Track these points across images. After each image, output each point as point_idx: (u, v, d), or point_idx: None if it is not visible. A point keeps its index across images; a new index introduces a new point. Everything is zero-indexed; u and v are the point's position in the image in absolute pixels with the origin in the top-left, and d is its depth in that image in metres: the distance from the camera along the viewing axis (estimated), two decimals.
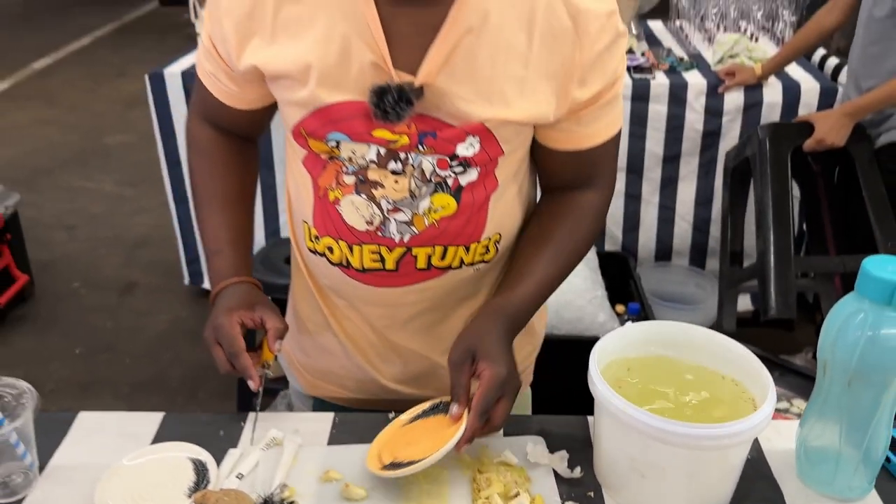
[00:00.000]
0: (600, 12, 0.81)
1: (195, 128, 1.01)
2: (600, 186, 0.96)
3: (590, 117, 0.88)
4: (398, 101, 0.79)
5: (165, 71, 2.44)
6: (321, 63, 0.81)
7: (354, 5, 0.80)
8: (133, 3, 7.70)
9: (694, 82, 2.30)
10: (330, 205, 0.91)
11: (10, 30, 6.88)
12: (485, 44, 0.80)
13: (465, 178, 0.88)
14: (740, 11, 2.68)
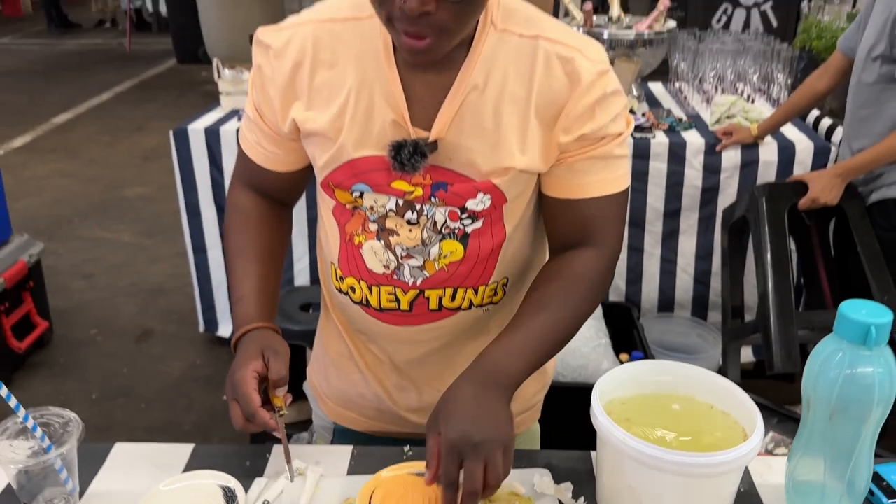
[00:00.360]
0: (592, 70, 0.89)
1: (236, 193, 1.09)
2: (598, 246, 0.98)
3: (580, 167, 0.94)
4: (413, 155, 0.88)
5: (189, 127, 2.56)
6: (349, 122, 0.91)
7: (378, 70, 0.90)
8: (152, 62, 7.96)
9: (692, 141, 2.40)
10: (354, 248, 1.00)
11: (34, 86, 7.11)
12: (489, 100, 0.90)
13: (472, 226, 0.96)
14: (737, 74, 2.80)
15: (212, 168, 2.58)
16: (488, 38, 0.89)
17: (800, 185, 2.11)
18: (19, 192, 4.36)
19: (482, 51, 0.88)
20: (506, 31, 0.89)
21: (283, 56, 0.93)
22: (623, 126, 0.94)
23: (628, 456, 0.84)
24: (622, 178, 0.97)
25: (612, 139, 0.93)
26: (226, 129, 2.54)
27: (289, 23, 0.95)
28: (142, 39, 8.94)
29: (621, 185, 0.97)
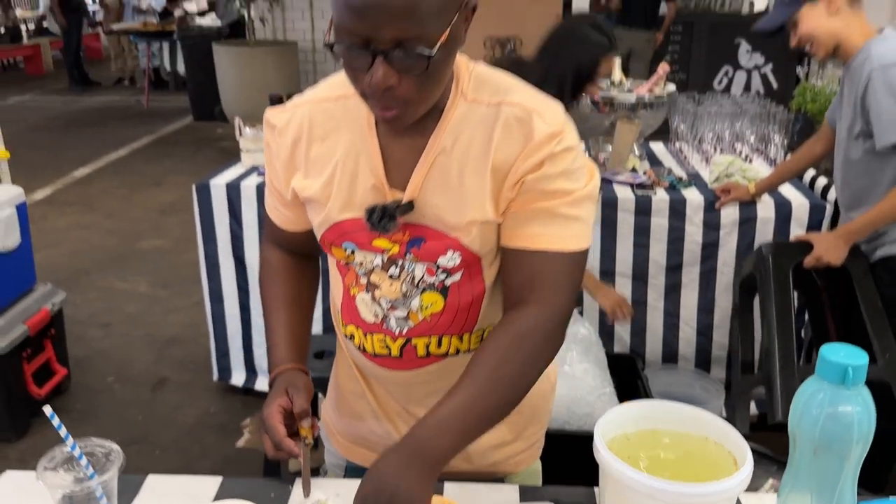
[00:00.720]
0: (545, 131, 0.96)
1: (266, 250, 1.23)
2: (541, 304, 0.99)
3: (526, 217, 0.98)
4: (382, 217, 0.98)
5: (211, 182, 2.68)
6: (336, 188, 1.03)
7: (363, 140, 1.02)
8: (169, 119, 8.19)
9: (692, 198, 2.51)
10: (351, 299, 1.12)
11: (54, 141, 7.32)
12: (454, 161, 0.99)
13: (450, 280, 1.05)
14: (735, 135, 2.92)
15: (231, 221, 2.69)
16: (458, 107, 0.99)
17: (806, 245, 2.17)
18: (39, 244, 4.43)
19: (451, 119, 0.99)
20: (475, 101, 0.99)
21: (284, 134, 1.06)
22: (577, 185, 0.98)
23: (629, 487, 0.90)
24: (573, 238, 0.99)
25: (561, 196, 0.97)
26: (246, 185, 2.66)
27: (290, 104, 1.08)
28: (159, 97, 9.20)
29: (570, 245, 0.98)
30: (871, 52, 1.95)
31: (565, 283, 1.00)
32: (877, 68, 1.91)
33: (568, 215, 0.98)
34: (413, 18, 0.82)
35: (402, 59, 0.85)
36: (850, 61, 2.03)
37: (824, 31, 2.02)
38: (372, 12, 0.81)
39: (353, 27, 0.84)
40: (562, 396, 2.08)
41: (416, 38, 0.84)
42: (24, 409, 2.74)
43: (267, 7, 7.25)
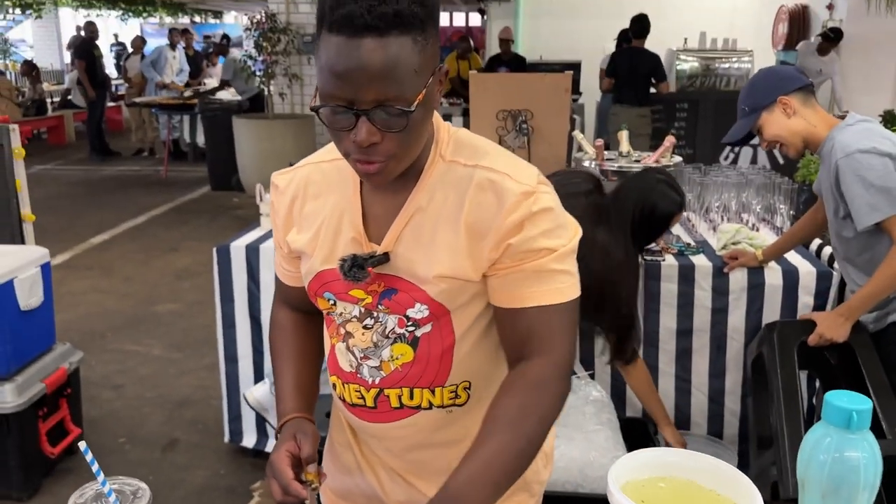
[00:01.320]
0: (518, 191, 1.02)
1: (276, 310, 1.30)
2: (542, 354, 1.03)
3: (515, 279, 1.03)
4: (352, 266, 1.05)
5: (231, 244, 2.76)
6: (321, 241, 1.11)
7: (348, 198, 1.10)
8: (187, 188, 8.38)
9: (700, 265, 2.56)
10: (332, 348, 1.18)
11: (74, 208, 7.49)
12: (428, 218, 1.06)
13: (420, 331, 1.10)
14: (741, 205, 2.99)
15: (249, 282, 2.76)
16: (436, 168, 1.06)
17: (810, 323, 2.20)
18: (56, 306, 4.49)
19: (429, 179, 1.06)
20: (453, 161, 1.06)
21: (285, 192, 1.15)
22: (559, 242, 1.03)
23: None
24: (562, 290, 1.04)
25: (546, 254, 1.02)
26: (265, 247, 2.73)
27: (294, 167, 1.17)
28: (178, 168, 9.44)
29: (561, 296, 1.04)
30: (835, 142, 2.04)
31: (564, 333, 1.06)
32: (841, 158, 2.00)
33: (556, 269, 1.04)
34: (391, 80, 0.90)
35: (383, 117, 0.92)
36: (820, 150, 2.14)
37: (788, 133, 2.12)
38: (354, 76, 0.89)
39: (336, 91, 0.91)
40: (574, 459, 2.09)
41: (395, 98, 0.91)
42: (37, 468, 2.76)
43: (286, 83, 7.51)
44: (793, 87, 2.12)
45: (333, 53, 0.90)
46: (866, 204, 1.98)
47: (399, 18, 0.89)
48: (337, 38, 0.89)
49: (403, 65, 0.90)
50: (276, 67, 7.35)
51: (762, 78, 2.22)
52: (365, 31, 0.88)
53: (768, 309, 2.53)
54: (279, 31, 7.29)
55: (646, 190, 2.24)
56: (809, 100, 2.14)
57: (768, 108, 2.13)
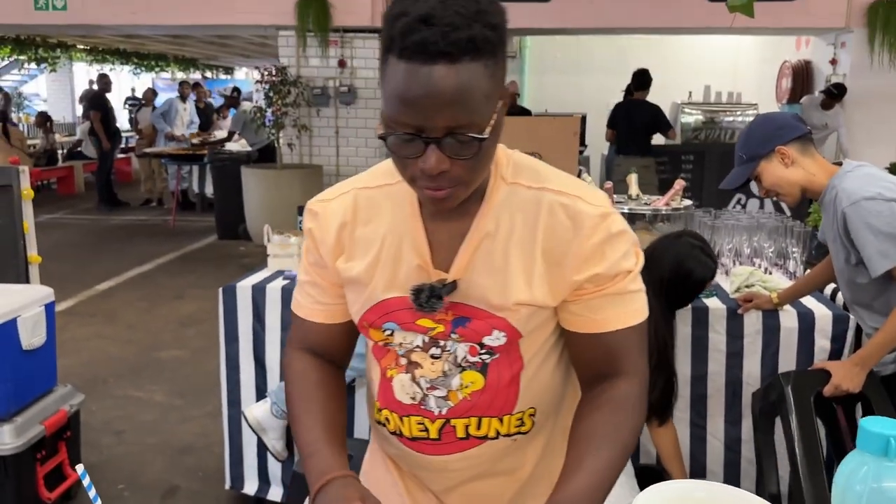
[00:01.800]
0: (594, 213, 1.01)
1: (296, 357, 1.17)
2: (626, 374, 1.06)
3: (597, 304, 1.03)
4: (430, 297, 1.02)
5: (237, 284, 2.73)
6: (380, 268, 1.06)
7: (406, 224, 1.06)
8: (194, 237, 8.39)
9: (714, 307, 2.51)
10: (387, 381, 1.12)
11: (80, 256, 7.50)
12: (499, 244, 1.03)
13: (491, 358, 1.07)
14: (753, 249, 2.96)
15: (255, 323, 2.72)
16: (499, 190, 1.03)
17: (824, 372, 2.15)
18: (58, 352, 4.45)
19: (494, 202, 1.03)
20: (515, 184, 1.04)
21: (329, 219, 1.10)
22: (633, 263, 1.04)
23: None
24: (639, 310, 1.06)
25: (624, 276, 1.03)
26: (272, 287, 2.70)
27: (331, 193, 1.13)
28: (186, 217, 9.48)
29: (639, 317, 1.06)
30: (838, 191, 2.01)
31: (641, 352, 1.07)
32: (847, 206, 1.97)
33: (633, 290, 1.04)
34: (463, 108, 0.88)
35: (453, 145, 0.90)
36: (822, 199, 2.11)
37: (786, 182, 2.10)
38: (425, 104, 0.87)
39: (406, 118, 0.89)
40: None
41: (466, 125, 0.89)
42: None
43: (295, 134, 7.60)
44: (791, 137, 2.09)
45: (403, 80, 0.87)
46: (877, 252, 1.95)
47: (472, 44, 0.87)
48: (407, 65, 0.87)
49: (475, 91, 0.88)
50: (286, 119, 7.44)
51: (759, 126, 2.19)
52: (438, 58, 0.86)
53: (784, 353, 2.48)
54: (289, 84, 7.40)
55: (682, 254, 2.23)
56: (808, 148, 2.11)
57: (766, 157, 2.10)
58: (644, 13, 7.28)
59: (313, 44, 7.55)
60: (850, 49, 7.27)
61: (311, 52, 7.63)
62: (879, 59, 7.03)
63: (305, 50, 7.61)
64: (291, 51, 7.68)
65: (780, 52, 8.91)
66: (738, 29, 7.31)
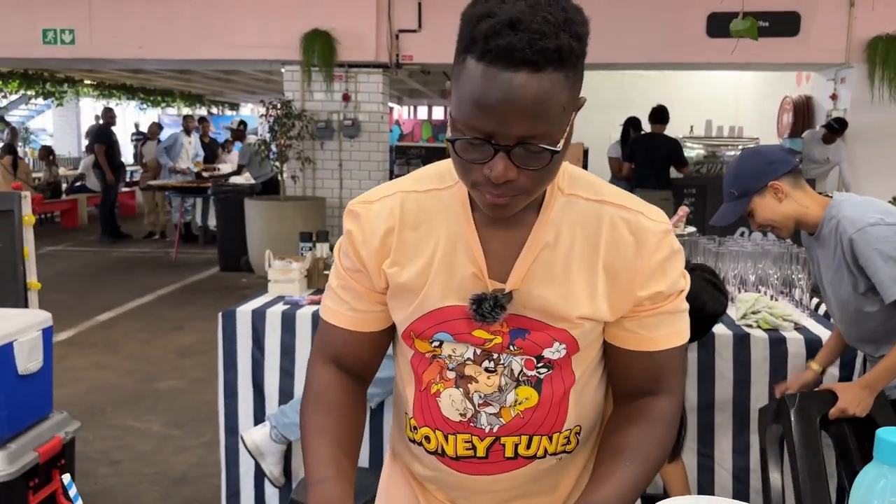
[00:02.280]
0: (657, 230, 1.00)
1: (318, 369, 1.11)
2: (667, 393, 1.06)
3: (652, 322, 1.03)
4: (493, 308, 0.98)
5: (237, 309, 2.70)
6: (433, 275, 1.02)
7: (459, 230, 1.02)
8: (195, 269, 8.38)
9: (720, 333, 2.48)
10: (430, 397, 1.06)
11: (81, 287, 7.48)
12: (559, 256, 1.00)
13: (544, 372, 1.04)
14: (758, 277, 2.93)
15: (254, 349, 2.68)
16: (557, 201, 1.00)
17: (830, 395, 2.11)
18: (57, 382, 4.34)
19: (552, 213, 1.00)
20: (572, 195, 1.01)
21: (374, 221, 1.04)
22: (685, 283, 1.05)
23: None
24: (685, 330, 1.06)
25: (677, 295, 1.03)
26: (272, 311, 2.67)
27: (374, 195, 1.07)
28: (188, 250, 9.48)
29: (685, 337, 1.06)
30: (839, 220, 1.99)
31: (681, 373, 1.09)
32: (854, 234, 1.95)
33: (682, 309, 1.05)
34: (540, 118, 0.85)
35: (523, 155, 0.87)
36: (819, 232, 2.08)
37: (780, 217, 2.08)
38: (501, 109, 0.84)
39: (478, 123, 0.86)
40: None
41: (540, 135, 0.86)
42: None
43: (299, 166, 7.63)
44: (783, 171, 2.07)
45: (480, 84, 0.84)
46: (889, 277, 1.93)
47: (558, 55, 0.84)
48: (487, 68, 0.84)
49: (553, 102, 0.85)
50: (290, 151, 7.48)
51: (749, 161, 2.16)
52: (522, 66, 0.83)
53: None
54: (294, 118, 7.46)
55: (695, 288, 2.19)
56: (799, 181, 2.10)
57: (759, 193, 2.08)
58: (645, 49, 7.35)
59: (318, 78, 7.62)
60: (851, 84, 7.32)
61: (316, 87, 7.71)
62: (880, 94, 7.07)
63: (310, 84, 7.69)
64: (296, 85, 7.76)
65: (780, 88, 8.98)
66: (738, 64, 7.40)
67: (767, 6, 6.74)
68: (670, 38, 7.28)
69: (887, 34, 6.94)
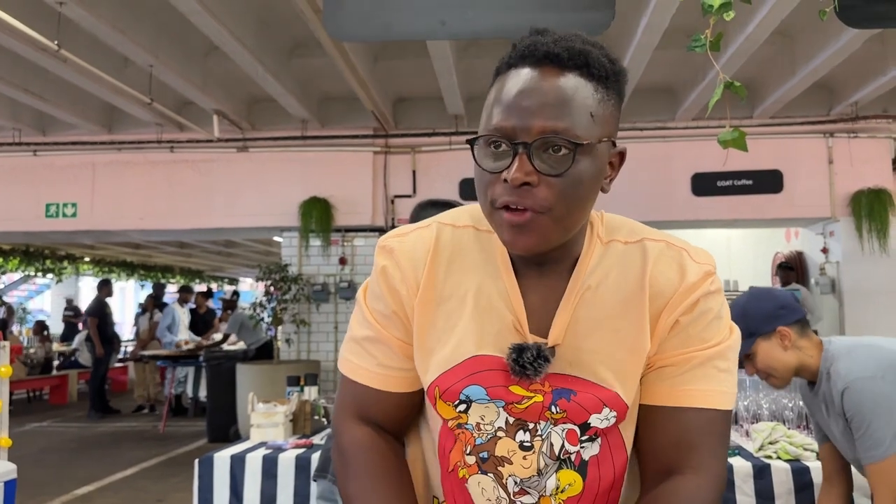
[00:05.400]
0: (699, 269, 0.91)
1: (349, 427, 0.97)
2: (699, 472, 0.87)
3: (679, 371, 0.88)
4: (536, 359, 0.85)
5: (215, 455, 2.51)
6: (468, 321, 0.90)
7: (496, 277, 0.91)
8: (183, 441, 8.03)
9: (739, 466, 2.29)
10: (458, 482, 0.91)
11: (62, 461, 7.12)
12: (602, 300, 0.89)
13: (589, 452, 0.88)
14: (771, 412, 2.76)
15: (231, 498, 2.46)
16: (596, 250, 0.92)
17: None
18: None
19: (591, 260, 0.91)
20: (612, 241, 0.92)
21: (410, 253, 0.94)
22: (726, 335, 0.91)
23: None
24: (727, 395, 0.90)
25: (712, 343, 0.89)
26: (252, 457, 2.48)
27: (410, 227, 0.98)
28: (177, 423, 9.15)
29: (725, 402, 0.89)
30: (838, 374, 1.85)
31: (720, 446, 0.89)
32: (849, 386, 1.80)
33: (721, 368, 0.89)
34: (563, 111, 0.81)
35: (543, 156, 0.81)
36: (819, 386, 1.94)
37: (781, 365, 1.96)
38: (524, 100, 0.81)
39: (501, 120, 0.82)
40: None
41: (563, 130, 0.80)
42: None
43: (294, 329, 7.54)
44: (794, 319, 1.96)
45: (506, 84, 0.83)
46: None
47: (584, 58, 0.82)
48: (514, 70, 0.83)
49: (579, 100, 0.81)
50: (285, 314, 7.43)
51: (761, 301, 2.03)
52: (545, 60, 0.82)
53: None
54: (290, 281, 7.48)
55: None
56: (806, 331, 1.98)
57: (766, 336, 1.95)
58: (634, 208, 7.54)
59: (315, 242, 7.74)
60: (840, 238, 7.43)
61: (313, 251, 7.80)
62: (870, 247, 7.15)
63: (307, 249, 7.79)
64: (293, 250, 7.86)
65: (771, 244, 9.12)
66: (725, 221, 7.55)
67: (749, 166, 7.00)
68: (658, 198, 7.48)
69: (869, 188, 7.14)
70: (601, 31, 2.74)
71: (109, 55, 6.02)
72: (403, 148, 7.74)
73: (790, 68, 6.31)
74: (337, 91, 7.34)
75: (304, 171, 7.74)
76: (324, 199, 7.62)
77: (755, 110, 7.19)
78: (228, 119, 7.27)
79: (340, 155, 7.73)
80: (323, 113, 7.77)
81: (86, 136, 7.88)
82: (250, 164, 7.82)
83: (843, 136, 7.30)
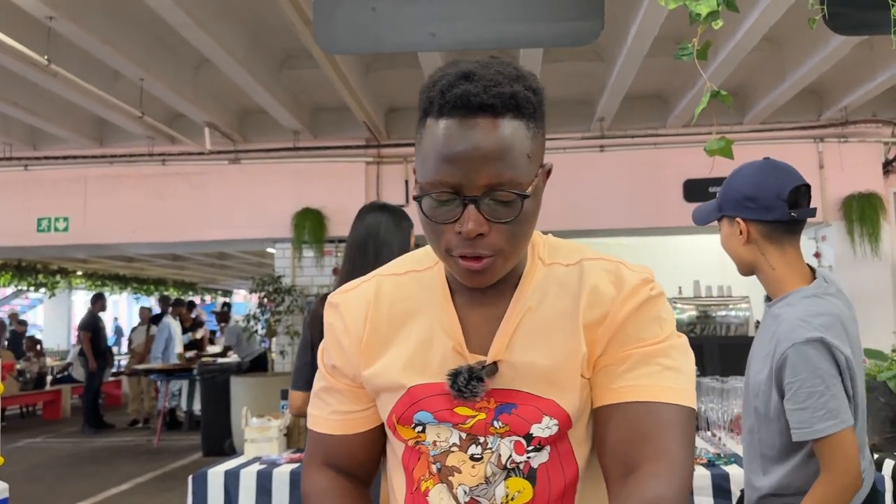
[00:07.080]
0: (636, 277, 0.94)
1: (313, 475, 1.05)
2: (656, 460, 0.85)
3: (621, 370, 0.91)
4: (469, 381, 0.90)
5: (209, 471, 2.49)
6: (411, 354, 0.96)
7: (437, 309, 0.97)
8: (177, 455, 8.00)
9: (736, 474, 2.29)
10: (421, 496, 0.96)
11: (56, 477, 7.07)
12: (541, 317, 0.93)
13: (538, 460, 0.92)
14: None
15: None
16: (537, 272, 0.96)
17: None
18: None
19: (532, 282, 0.95)
20: (553, 264, 0.97)
21: (352, 308, 1.01)
22: (668, 335, 0.93)
23: None
24: (673, 391, 0.89)
25: (655, 340, 0.91)
26: (246, 472, 2.47)
27: (352, 284, 1.05)
28: (171, 437, 9.12)
29: (673, 397, 0.89)
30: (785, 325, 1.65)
31: (676, 438, 0.87)
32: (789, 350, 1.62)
33: (664, 364, 0.90)
34: (505, 164, 0.83)
35: (492, 206, 0.84)
36: (772, 305, 1.76)
37: (736, 256, 1.78)
38: (466, 157, 0.82)
39: (444, 176, 0.84)
40: None
41: (508, 181, 0.84)
42: None
43: (288, 341, 7.52)
44: (757, 218, 1.71)
45: (443, 136, 0.84)
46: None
47: (514, 101, 0.84)
48: (448, 121, 0.84)
49: (518, 148, 0.84)
50: (279, 326, 7.41)
51: (742, 182, 1.76)
52: (479, 111, 0.83)
53: None
54: (283, 292, 7.46)
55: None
56: (778, 239, 1.72)
57: (729, 219, 1.75)
58: (625, 215, 7.56)
59: (308, 253, 7.72)
60: (832, 242, 7.46)
61: (307, 262, 7.78)
62: (862, 251, 7.18)
63: (301, 260, 7.77)
64: (286, 262, 7.84)
65: None
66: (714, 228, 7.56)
67: None
68: (650, 204, 7.50)
69: (860, 192, 7.18)
70: (591, 41, 2.75)
71: (100, 69, 6.00)
72: (396, 158, 7.74)
73: (779, 74, 6.34)
74: (329, 102, 7.34)
75: (297, 183, 7.73)
76: (316, 209, 7.61)
77: (745, 116, 7.22)
78: (220, 131, 7.26)
79: (333, 166, 7.73)
80: (315, 124, 7.77)
81: (77, 150, 7.85)
82: (242, 176, 7.80)
83: (834, 141, 7.34)
